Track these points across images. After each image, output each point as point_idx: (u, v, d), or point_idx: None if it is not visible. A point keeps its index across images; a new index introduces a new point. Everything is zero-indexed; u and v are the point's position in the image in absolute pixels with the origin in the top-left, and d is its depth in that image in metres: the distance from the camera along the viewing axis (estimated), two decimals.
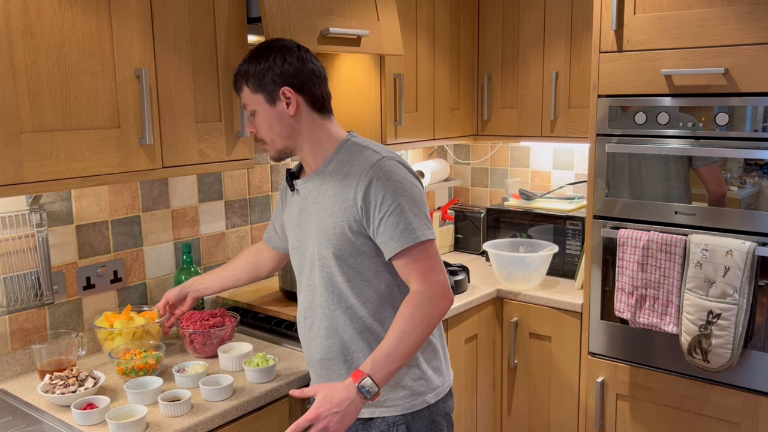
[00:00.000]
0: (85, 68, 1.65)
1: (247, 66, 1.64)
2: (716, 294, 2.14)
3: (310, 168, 1.72)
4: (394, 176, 1.59)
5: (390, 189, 1.57)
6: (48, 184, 1.61)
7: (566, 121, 2.84)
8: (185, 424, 1.66)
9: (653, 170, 2.32)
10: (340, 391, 1.50)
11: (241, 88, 1.67)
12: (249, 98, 1.66)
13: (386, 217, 1.56)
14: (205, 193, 2.43)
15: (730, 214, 2.17)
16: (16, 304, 1.94)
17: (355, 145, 1.68)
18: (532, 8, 2.89)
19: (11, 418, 1.69)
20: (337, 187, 1.63)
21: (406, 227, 1.56)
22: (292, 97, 1.62)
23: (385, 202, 1.56)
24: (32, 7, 1.54)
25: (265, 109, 1.64)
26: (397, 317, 1.56)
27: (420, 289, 1.56)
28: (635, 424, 2.46)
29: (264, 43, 1.68)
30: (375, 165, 1.59)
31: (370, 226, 1.59)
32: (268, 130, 1.66)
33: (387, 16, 2.39)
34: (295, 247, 1.75)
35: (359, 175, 1.59)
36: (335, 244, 1.62)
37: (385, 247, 1.59)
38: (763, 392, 2.18)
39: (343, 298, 1.65)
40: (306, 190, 1.71)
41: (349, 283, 1.64)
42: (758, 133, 2.10)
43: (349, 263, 1.63)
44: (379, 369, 1.51)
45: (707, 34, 2.15)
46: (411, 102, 2.72)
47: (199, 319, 2.07)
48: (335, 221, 1.62)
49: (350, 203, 1.60)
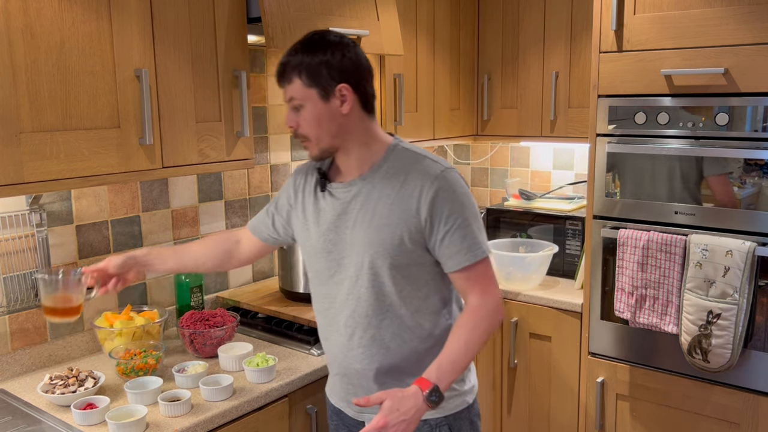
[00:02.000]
0: (85, 68, 1.65)
1: (301, 57, 1.52)
2: (716, 294, 2.14)
3: (351, 171, 1.62)
4: (458, 189, 1.55)
5: (456, 202, 1.53)
6: (48, 184, 1.61)
7: (566, 121, 2.84)
8: (185, 424, 1.66)
9: (654, 170, 2.32)
10: (408, 399, 1.44)
11: (290, 79, 1.54)
12: (299, 91, 1.53)
13: (452, 231, 1.53)
14: (205, 193, 2.43)
15: (730, 214, 2.17)
16: (16, 304, 1.94)
17: (406, 151, 1.61)
18: (532, 8, 2.89)
19: (11, 418, 1.69)
20: (392, 195, 1.55)
21: (472, 242, 1.54)
22: (348, 94, 1.53)
23: (451, 216, 1.52)
24: (32, 7, 1.54)
25: (315, 105, 1.53)
26: (460, 327, 1.54)
27: (481, 303, 1.55)
28: (635, 424, 2.46)
29: (317, 34, 1.56)
30: (440, 176, 1.54)
31: (432, 239, 1.55)
32: (316, 127, 1.55)
33: (387, 16, 2.39)
34: (326, 251, 1.64)
35: (421, 186, 1.53)
36: (392, 254, 1.55)
37: (448, 260, 1.55)
38: (763, 392, 2.18)
39: (393, 309, 1.59)
40: (348, 194, 1.61)
41: (399, 294, 1.58)
42: (758, 133, 2.10)
43: (403, 273, 1.57)
44: (445, 377, 1.48)
45: (707, 34, 2.15)
46: (411, 102, 2.72)
47: (199, 319, 2.07)
48: (393, 231, 1.54)
49: (411, 213, 1.53)
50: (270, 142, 2.63)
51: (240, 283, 2.59)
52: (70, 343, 2.06)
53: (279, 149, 2.67)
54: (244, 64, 2.02)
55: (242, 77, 2.00)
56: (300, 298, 2.38)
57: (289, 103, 1.57)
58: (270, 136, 2.63)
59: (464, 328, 1.54)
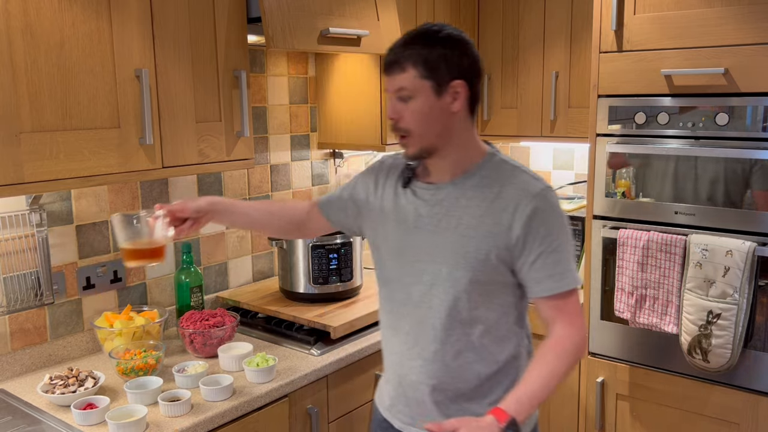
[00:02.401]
0: (85, 68, 1.65)
1: (420, 48, 1.44)
2: (716, 294, 2.14)
3: (442, 174, 1.54)
4: (557, 210, 1.47)
5: (555, 225, 1.46)
6: (48, 184, 1.61)
7: (566, 121, 2.84)
8: (185, 424, 1.66)
9: (655, 170, 2.32)
10: (482, 430, 1.33)
11: (404, 68, 1.44)
12: (411, 82, 1.44)
13: (546, 253, 1.44)
14: (205, 193, 2.43)
15: (730, 214, 2.17)
16: (16, 304, 1.94)
17: (503, 162, 1.53)
18: (532, 8, 2.89)
19: (11, 418, 1.69)
20: (483, 207, 1.47)
21: (565, 269, 1.46)
22: (462, 92, 1.46)
23: (547, 238, 1.44)
24: (32, 7, 1.54)
25: (427, 99, 1.44)
26: (544, 358, 1.45)
27: (568, 334, 1.47)
28: (635, 424, 2.46)
29: (436, 26, 1.48)
30: (539, 194, 1.45)
31: (522, 259, 1.46)
32: (422, 123, 1.46)
33: (387, 16, 2.39)
34: (399, 252, 1.56)
35: (517, 201, 1.45)
36: (475, 267, 1.47)
37: (536, 285, 1.47)
38: (763, 392, 2.18)
39: (462, 326, 1.51)
40: (434, 196, 1.53)
41: (472, 311, 1.50)
42: (758, 133, 2.10)
43: (481, 291, 1.49)
44: (523, 411, 1.38)
45: (707, 34, 2.15)
46: None
47: (199, 319, 2.07)
48: (479, 244, 1.46)
49: (503, 229, 1.45)
50: (270, 142, 2.63)
51: (240, 283, 2.59)
52: (70, 343, 2.06)
53: (279, 149, 2.67)
54: (244, 64, 2.02)
55: (242, 77, 2.00)
56: (300, 298, 2.38)
57: (395, 93, 1.47)
58: (270, 136, 2.63)
59: (546, 359, 1.45)
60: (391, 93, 1.48)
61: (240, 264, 2.57)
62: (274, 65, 2.61)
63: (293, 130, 2.72)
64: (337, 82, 2.70)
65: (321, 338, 2.16)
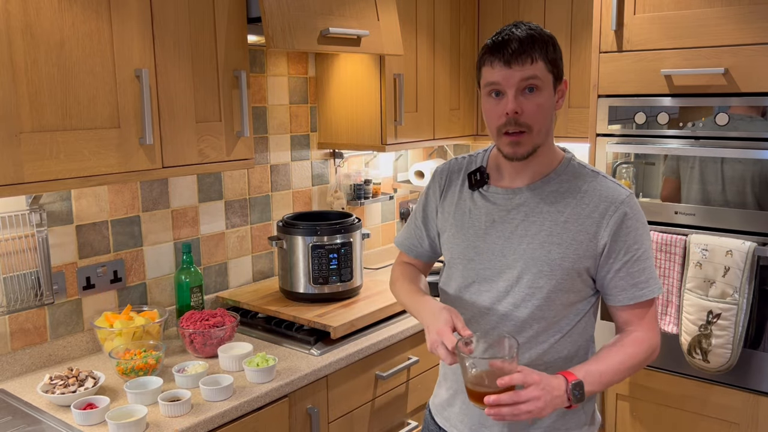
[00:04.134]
0: (85, 68, 1.65)
1: (541, 43, 1.39)
2: (716, 294, 2.14)
3: (519, 177, 1.49)
4: (642, 218, 1.45)
5: (641, 232, 1.43)
6: (48, 184, 1.61)
7: (566, 121, 2.84)
8: (185, 424, 1.66)
9: (655, 170, 2.32)
10: (552, 380, 1.32)
11: (534, 59, 1.37)
12: (543, 73, 1.39)
13: (632, 261, 1.42)
14: (205, 193, 2.43)
15: (730, 214, 2.17)
16: (16, 304, 1.94)
17: (582, 167, 1.49)
18: (532, 8, 2.89)
19: (11, 418, 1.69)
20: (566, 212, 1.44)
21: (650, 276, 1.44)
22: (566, 92, 1.45)
23: (633, 246, 1.42)
24: (32, 7, 1.54)
25: (550, 93, 1.41)
26: (620, 346, 1.44)
27: (647, 337, 1.45)
28: (635, 424, 2.46)
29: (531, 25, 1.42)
30: (626, 201, 1.43)
31: (606, 267, 1.44)
32: (544, 118, 1.41)
33: (387, 16, 2.39)
34: (467, 258, 1.51)
35: (603, 208, 1.42)
36: (559, 276, 1.42)
37: (620, 293, 1.44)
38: (763, 392, 2.18)
39: (537, 336, 1.46)
40: (510, 201, 1.48)
41: (550, 320, 1.46)
42: (758, 132, 2.10)
43: (560, 299, 1.44)
44: (590, 381, 1.35)
45: (707, 34, 2.15)
46: (411, 102, 2.72)
47: (199, 319, 2.07)
48: (564, 252, 1.42)
49: (589, 236, 1.42)
50: (270, 142, 2.63)
51: (240, 283, 2.59)
52: (70, 343, 2.06)
53: (279, 149, 2.67)
54: (244, 64, 2.02)
55: (242, 77, 2.00)
56: (300, 298, 2.38)
57: (522, 83, 1.38)
58: (270, 136, 2.63)
59: (622, 350, 1.43)
60: (513, 84, 1.38)
61: (240, 264, 2.57)
62: (274, 65, 2.61)
63: (293, 130, 2.72)
64: (337, 82, 2.70)
65: (321, 338, 2.16)
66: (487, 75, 1.41)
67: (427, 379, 2.44)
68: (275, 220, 2.67)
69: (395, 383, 2.31)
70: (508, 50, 1.38)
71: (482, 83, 1.44)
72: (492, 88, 1.41)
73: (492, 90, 1.41)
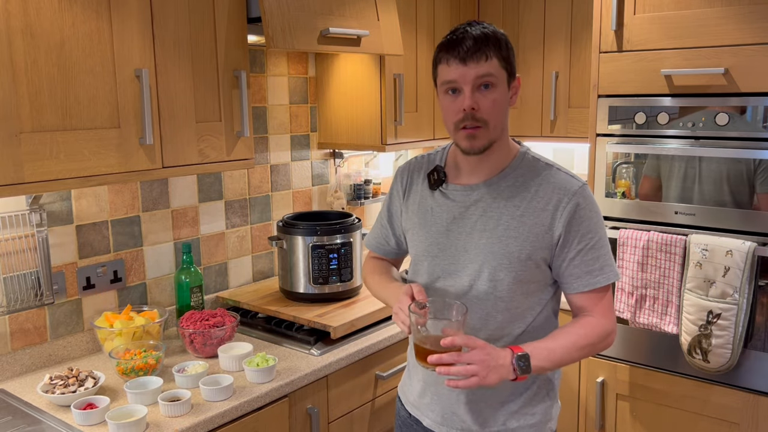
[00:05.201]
0: (85, 68, 1.65)
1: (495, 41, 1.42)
2: (716, 294, 2.14)
3: (476, 174, 1.53)
4: (595, 207, 1.49)
5: (593, 221, 1.48)
6: (48, 184, 1.61)
7: (566, 121, 2.84)
8: (185, 424, 1.66)
9: (657, 170, 2.32)
10: (497, 350, 1.38)
11: (489, 56, 1.41)
12: (497, 70, 1.43)
13: (585, 250, 1.47)
14: (205, 193, 2.43)
15: (730, 214, 2.17)
16: (16, 304, 1.94)
17: (536, 160, 1.53)
18: (532, 8, 2.89)
19: (11, 418, 1.69)
20: (521, 206, 1.48)
21: (604, 264, 1.48)
22: (519, 88, 1.50)
23: (587, 235, 1.46)
24: (32, 7, 1.54)
25: (504, 89, 1.45)
26: (572, 327, 1.48)
27: (600, 322, 1.49)
28: (635, 424, 2.46)
29: (485, 24, 1.46)
30: (578, 192, 1.47)
31: (561, 257, 1.48)
32: (499, 113, 1.45)
33: (387, 16, 2.39)
34: (432, 255, 1.56)
35: (557, 200, 1.46)
36: (518, 269, 1.47)
37: (575, 281, 1.49)
38: (763, 392, 2.18)
39: (501, 326, 1.51)
40: (467, 198, 1.53)
41: (513, 311, 1.50)
42: (758, 132, 2.10)
43: (521, 289, 1.49)
44: (538, 356, 1.40)
45: (707, 34, 2.15)
46: (411, 102, 2.72)
47: (199, 319, 2.07)
48: (522, 245, 1.46)
49: (544, 228, 1.46)
50: (270, 142, 2.63)
51: (240, 283, 2.59)
52: (70, 343, 2.06)
53: (279, 149, 2.67)
54: (244, 64, 2.02)
55: (242, 77, 2.00)
56: (300, 298, 2.38)
57: (478, 80, 1.42)
58: (270, 136, 2.63)
59: (574, 330, 1.47)
60: (470, 81, 1.42)
61: (240, 264, 2.57)
62: (274, 65, 2.61)
63: (293, 130, 2.72)
64: (337, 82, 2.70)
65: (321, 338, 2.16)
66: (444, 73, 1.46)
67: None
68: (275, 220, 2.68)
69: (395, 383, 2.31)
70: (463, 48, 1.42)
71: (438, 81, 1.49)
72: (449, 86, 1.45)
73: (449, 88, 1.46)
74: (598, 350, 1.50)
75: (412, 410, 1.68)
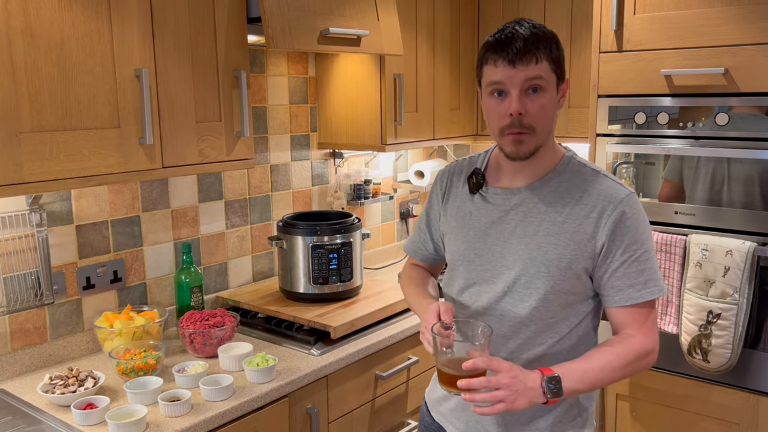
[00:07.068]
0: (85, 68, 1.65)
1: (546, 42, 1.37)
2: (716, 294, 2.14)
3: (519, 178, 1.47)
4: (642, 217, 1.41)
5: (640, 231, 1.39)
6: (48, 184, 1.61)
7: (566, 121, 2.84)
8: (185, 424, 1.66)
9: (655, 170, 2.32)
10: (528, 373, 1.31)
11: (539, 59, 1.35)
12: (547, 73, 1.36)
13: (630, 261, 1.38)
14: (205, 193, 2.43)
15: (730, 214, 2.17)
16: (16, 304, 1.94)
17: (582, 166, 1.47)
18: (532, 8, 2.88)
19: (11, 418, 1.69)
20: (564, 212, 1.41)
21: (649, 278, 1.39)
22: (566, 90, 1.44)
23: (632, 246, 1.38)
24: (32, 7, 1.54)
25: (553, 94, 1.39)
26: (609, 347, 1.39)
27: (641, 342, 1.40)
28: (635, 424, 2.46)
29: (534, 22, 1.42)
30: (625, 200, 1.39)
31: (603, 268, 1.40)
32: (548, 118, 1.39)
33: (387, 16, 2.39)
34: (467, 260, 1.50)
35: (601, 208, 1.39)
36: (557, 278, 1.40)
37: (616, 294, 1.40)
38: (763, 392, 2.18)
39: (535, 336, 1.44)
40: (508, 201, 1.47)
41: (548, 320, 1.43)
42: (758, 132, 2.10)
43: (558, 300, 1.42)
44: (571, 378, 1.31)
45: (707, 34, 2.15)
46: (411, 102, 2.72)
47: (199, 319, 2.07)
48: (562, 253, 1.40)
49: (586, 237, 1.39)
50: (270, 142, 2.63)
51: (240, 283, 2.59)
52: (70, 343, 2.06)
53: (279, 149, 2.67)
54: (244, 64, 2.02)
55: (242, 77, 2.00)
56: (300, 298, 2.38)
57: (527, 83, 1.35)
58: (270, 136, 2.63)
59: (610, 350, 1.38)
60: (518, 84, 1.35)
61: (240, 264, 2.57)
62: (274, 65, 2.61)
63: (293, 130, 2.72)
64: (337, 82, 2.70)
65: (321, 338, 2.16)
66: (490, 74, 1.38)
67: (427, 379, 2.44)
68: (275, 220, 2.68)
69: (395, 383, 2.31)
70: (513, 49, 1.35)
71: (484, 82, 1.41)
72: (495, 87, 1.38)
73: (495, 89, 1.39)
74: (637, 371, 1.41)
75: (437, 417, 1.62)
